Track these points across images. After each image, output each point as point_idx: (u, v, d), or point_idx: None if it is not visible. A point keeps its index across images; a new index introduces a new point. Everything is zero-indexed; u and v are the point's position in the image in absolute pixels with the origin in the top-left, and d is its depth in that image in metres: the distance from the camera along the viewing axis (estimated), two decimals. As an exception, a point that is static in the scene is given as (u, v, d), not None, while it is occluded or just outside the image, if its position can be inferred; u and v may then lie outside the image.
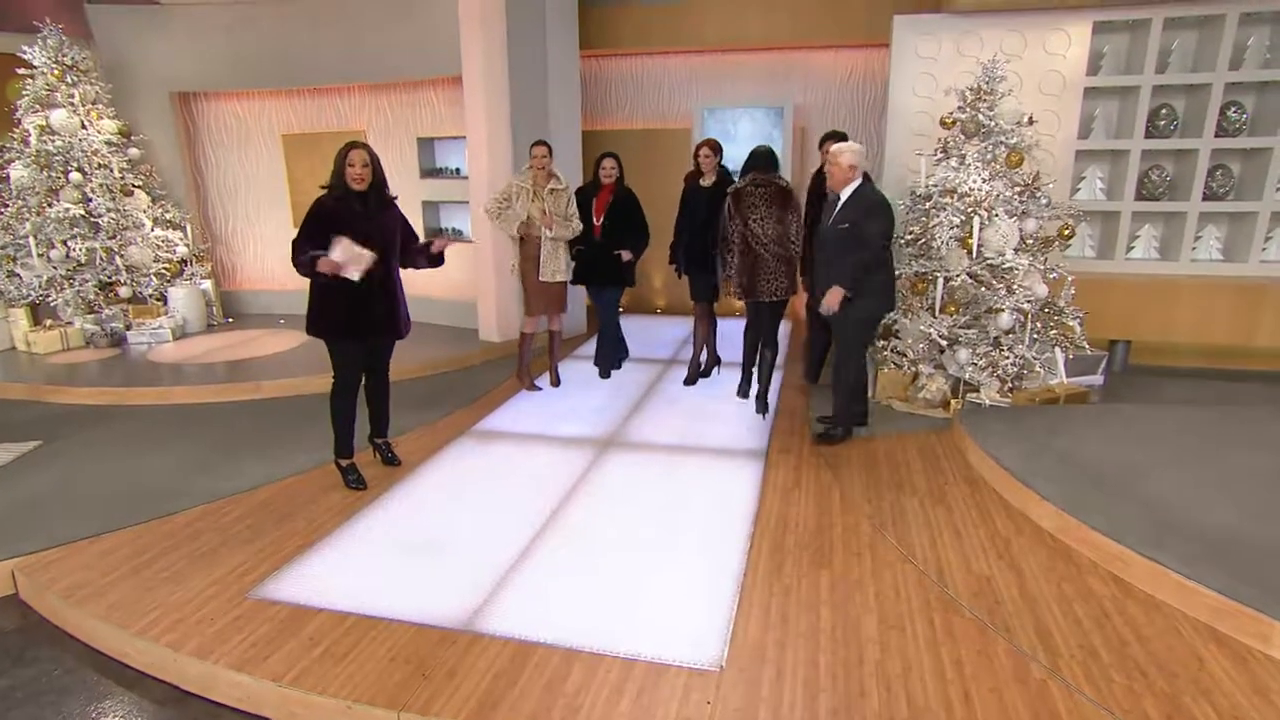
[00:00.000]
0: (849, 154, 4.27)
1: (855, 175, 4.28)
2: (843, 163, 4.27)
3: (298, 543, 3.37)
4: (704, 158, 5.26)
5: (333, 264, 3.50)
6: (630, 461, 4.30)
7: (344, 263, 3.53)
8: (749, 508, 3.71)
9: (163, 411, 5.23)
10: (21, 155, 6.58)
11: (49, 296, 6.62)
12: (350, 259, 3.53)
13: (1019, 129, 4.93)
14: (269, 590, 2.99)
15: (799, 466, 4.22)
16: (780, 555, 3.25)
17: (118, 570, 3.14)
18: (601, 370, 5.93)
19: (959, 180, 4.97)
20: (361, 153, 3.61)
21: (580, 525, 3.54)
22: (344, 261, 3.52)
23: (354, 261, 3.55)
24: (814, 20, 7.32)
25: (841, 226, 4.28)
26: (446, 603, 2.89)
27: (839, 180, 4.32)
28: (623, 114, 8.25)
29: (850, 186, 4.30)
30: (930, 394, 5.10)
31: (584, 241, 5.42)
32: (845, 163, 4.27)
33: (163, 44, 7.32)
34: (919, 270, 5.18)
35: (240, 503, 3.79)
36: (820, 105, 7.79)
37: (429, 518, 3.63)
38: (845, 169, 4.27)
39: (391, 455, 4.21)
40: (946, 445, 4.51)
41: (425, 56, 6.64)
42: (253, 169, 7.86)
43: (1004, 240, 4.86)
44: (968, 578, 3.05)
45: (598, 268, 5.47)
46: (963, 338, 5.02)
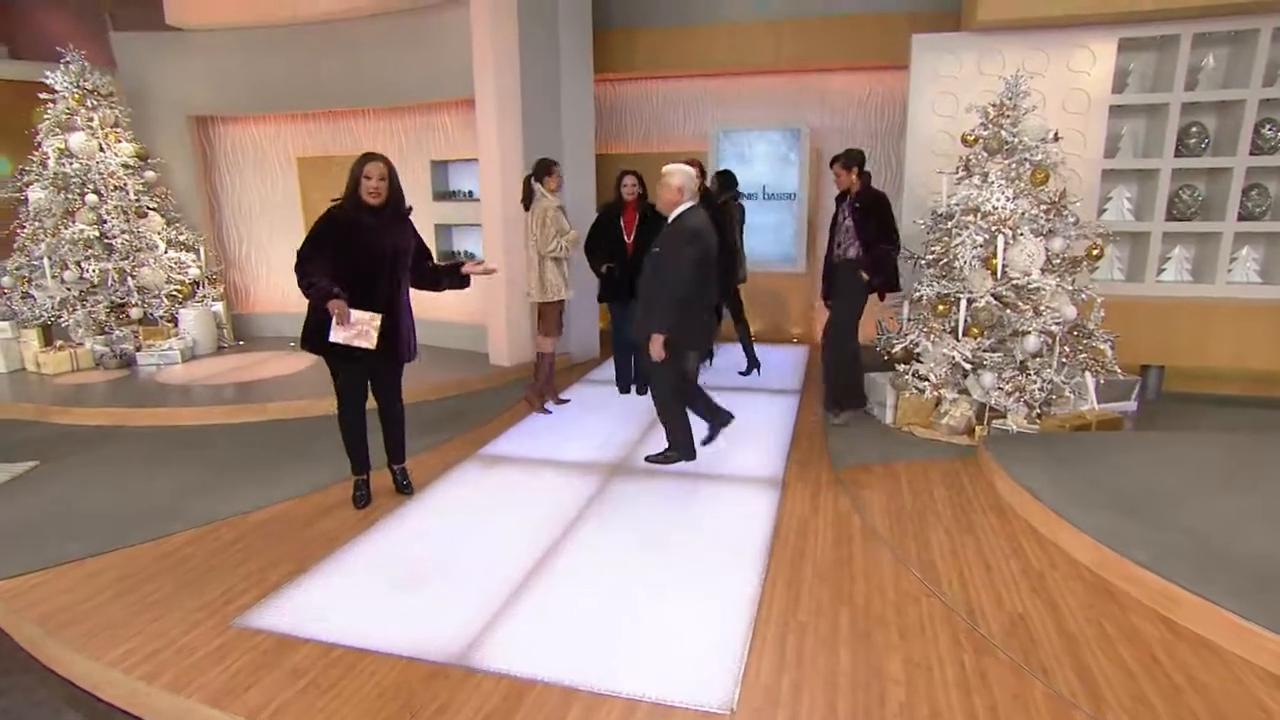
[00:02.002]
0: (679, 175, 4.02)
1: (683, 199, 4.04)
2: (672, 184, 3.99)
3: (289, 568, 3.22)
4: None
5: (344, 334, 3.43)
6: (639, 488, 4.12)
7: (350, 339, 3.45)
8: (764, 538, 3.51)
9: (165, 433, 5.14)
10: (40, 178, 6.62)
11: (61, 317, 6.60)
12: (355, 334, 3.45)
13: (1044, 145, 4.77)
14: (254, 618, 2.83)
15: (817, 494, 4.02)
16: (797, 589, 3.05)
17: (101, 595, 3.00)
18: (640, 386, 5.86)
19: (982, 199, 4.80)
20: (379, 165, 3.51)
21: (584, 554, 3.36)
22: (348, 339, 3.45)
23: (361, 337, 3.46)
24: (829, 42, 7.25)
25: (654, 251, 4.07)
26: (440, 635, 2.72)
27: (666, 203, 4.05)
28: (638, 138, 8.21)
29: (677, 210, 4.04)
30: (954, 420, 4.89)
31: (614, 260, 5.44)
32: (675, 184, 3.99)
33: (182, 70, 7.40)
34: (941, 292, 5.00)
35: (235, 526, 3.66)
36: (837, 128, 7.68)
37: (427, 545, 3.46)
38: (674, 191, 4.00)
39: (405, 483, 4.03)
40: (972, 473, 4.29)
41: (438, 79, 6.63)
42: (268, 192, 7.87)
43: (1030, 260, 4.67)
44: (1000, 614, 2.83)
45: (629, 286, 5.38)
46: (988, 361, 4.82)
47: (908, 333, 5.15)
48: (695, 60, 7.58)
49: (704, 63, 7.59)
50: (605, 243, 5.52)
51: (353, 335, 3.46)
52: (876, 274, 4.93)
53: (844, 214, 5.05)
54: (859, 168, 4.94)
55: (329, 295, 3.37)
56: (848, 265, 5.02)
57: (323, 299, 3.37)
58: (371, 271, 3.53)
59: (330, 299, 3.37)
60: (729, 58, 7.51)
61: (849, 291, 5.03)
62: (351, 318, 3.43)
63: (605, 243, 5.52)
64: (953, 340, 4.89)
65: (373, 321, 3.48)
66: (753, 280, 7.82)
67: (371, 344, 3.49)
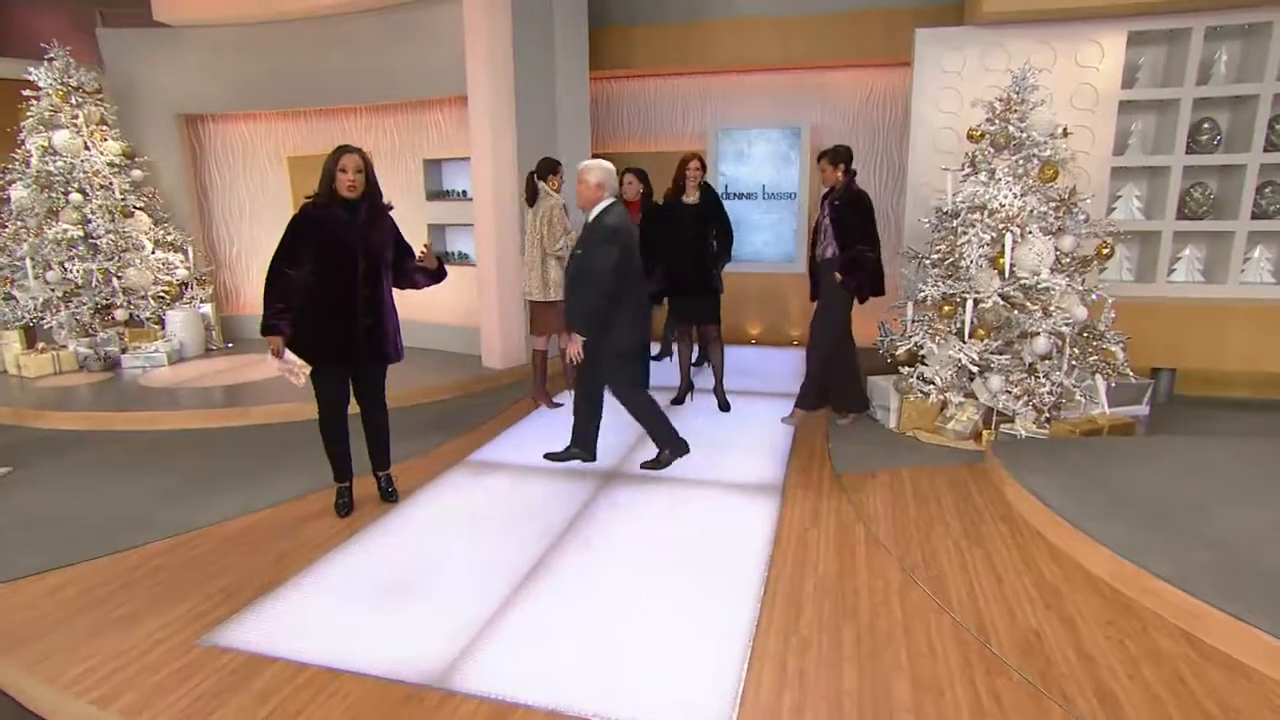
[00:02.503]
0: (598, 171, 3.86)
1: (604, 195, 3.90)
2: (590, 181, 3.85)
3: (263, 581, 3.05)
4: (695, 170, 5.03)
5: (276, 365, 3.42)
6: (632, 496, 3.95)
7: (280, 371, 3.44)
8: (763, 549, 3.35)
9: (146, 437, 4.98)
10: (23, 176, 6.47)
11: (43, 319, 6.45)
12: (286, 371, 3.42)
13: (1053, 141, 4.61)
14: (224, 635, 2.67)
15: (818, 503, 3.85)
16: (798, 603, 2.89)
17: (61, 611, 2.84)
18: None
19: (989, 195, 4.65)
20: (355, 157, 3.35)
21: (574, 567, 3.19)
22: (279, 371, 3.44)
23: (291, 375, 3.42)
24: (831, 39, 7.10)
25: (576, 253, 3.95)
26: (419, 654, 2.56)
27: (585, 200, 3.90)
28: (635, 137, 8.06)
29: (596, 209, 3.90)
30: (960, 425, 4.73)
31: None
32: (594, 181, 3.85)
33: (171, 67, 7.26)
34: (946, 292, 4.84)
35: (210, 536, 3.49)
36: (838, 126, 7.53)
37: (410, 556, 3.30)
38: (593, 188, 3.86)
39: (390, 491, 3.87)
40: (980, 480, 4.12)
41: (431, 75, 6.48)
42: (258, 191, 7.72)
43: (1039, 259, 4.52)
44: (1014, 632, 2.67)
45: None
46: (995, 364, 4.66)
47: (912, 334, 4.98)
48: (696, 57, 7.43)
49: (705, 60, 7.44)
50: None
51: (282, 370, 3.42)
52: (851, 276, 4.73)
53: (823, 212, 4.89)
54: (845, 165, 4.78)
55: (273, 331, 3.33)
56: (826, 265, 4.87)
57: (268, 332, 3.34)
58: (350, 269, 3.38)
59: (273, 334, 3.33)
60: (731, 55, 7.36)
61: (830, 293, 4.87)
62: (286, 356, 3.38)
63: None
64: (959, 342, 4.74)
65: (303, 369, 3.42)
66: (752, 281, 7.71)
67: (299, 384, 3.45)
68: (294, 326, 3.40)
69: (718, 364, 5.40)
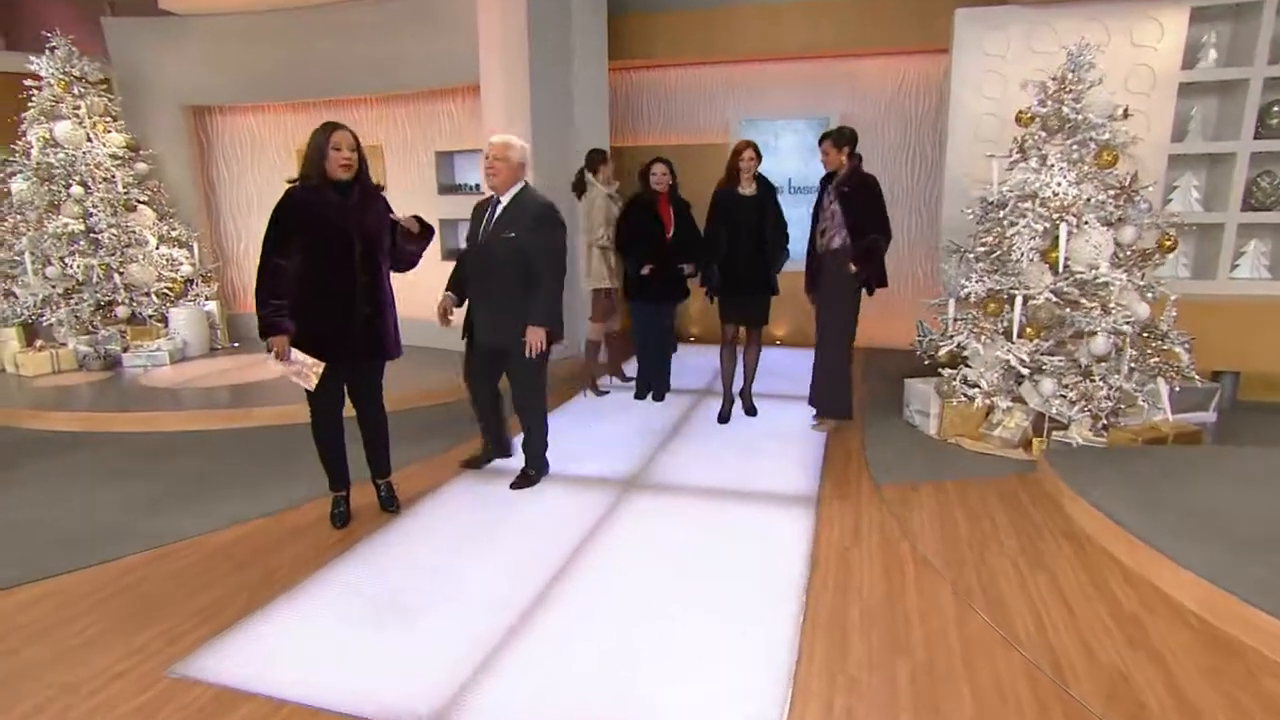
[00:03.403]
0: (520, 149, 3.59)
1: (522, 175, 3.62)
2: (514, 159, 3.56)
3: (247, 600, 2.76)
4: (748, 160, 4.66)
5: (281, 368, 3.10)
6: (655, 508, 3.63)
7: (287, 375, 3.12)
8: (800, 569, 3.01)
9: (141, 440, 4.72)
10: (23, 168, 6.28)
11: (43, 316, 6.24)
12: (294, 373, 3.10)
13: (1111, 123, 4.24)
14: (196, 665, 2.38)
15: (858, 517, 3.51)
16: (842, 633, 2.55)
17: (22, 632, 2.56)
18: (657, 392, 5.50)
19: (1040, 183, 4.29)
20: (348, 135, 3.07)
21: (590, 589, 2.87)
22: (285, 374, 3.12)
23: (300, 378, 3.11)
24: (861, 26, 6.75)
25: (508, 236, 3.57)
26: (413, 688, 2.25)
27: (506, 181, 3.57)
28: (655, 129, 7.75)
29: (513, 189, 3.61)
30: (1008, 431, 4.37)
31: (652, 256, 5.04)
32: (517, 160, 3.57)
33: (177, 58, 7.04)
34: (992, 288, 4.48)
35: (195, 547, 3.22)
36: (868, 116, 7.15)
37: (411, 573, 2.99)
38: (516, 167, 3.58)
39: (390, 500, 3.57)
40: (1034, 493, 3.76)
41: (444, 64, 6.22)
42: (265, 185, 7.49)
43: (1096, 252, 4.14)
44: (1094, 671, 2.31)
45: (664, 284, 5.15)
46: (1047, 366, 4.29)
47: (954, 334, 4.62)
48: (720, 46, 7.10)
49: (729, 49, 7.11)
50: (645, 238, 5.05)
51: (289, 372, 3.10)
52: (865, 266, 4.42)
53: (829, 198, 4.54)
54: (850, 148, 4.45)
55: (274, 329, 3.03)
56: (833, 257, 4.52)
57: (268, 332, 3.03)
58: (345, 256, 3.10)
59: (275, 334, 3.02)
60: (756, 43, 7.03)
61: (841, 287, 4.52)
62: (292, 356, 3.07)
63: (645, 238, 5.05)
64: (1006, 342, 4.37)
65: (315, 368, 3.11)
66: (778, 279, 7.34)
67: (310, 386, 3.13)
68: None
69: (750, 366, 5.05)
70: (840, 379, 4.69)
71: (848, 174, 4.47)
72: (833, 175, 4.59)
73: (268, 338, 3.03)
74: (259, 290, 3.02)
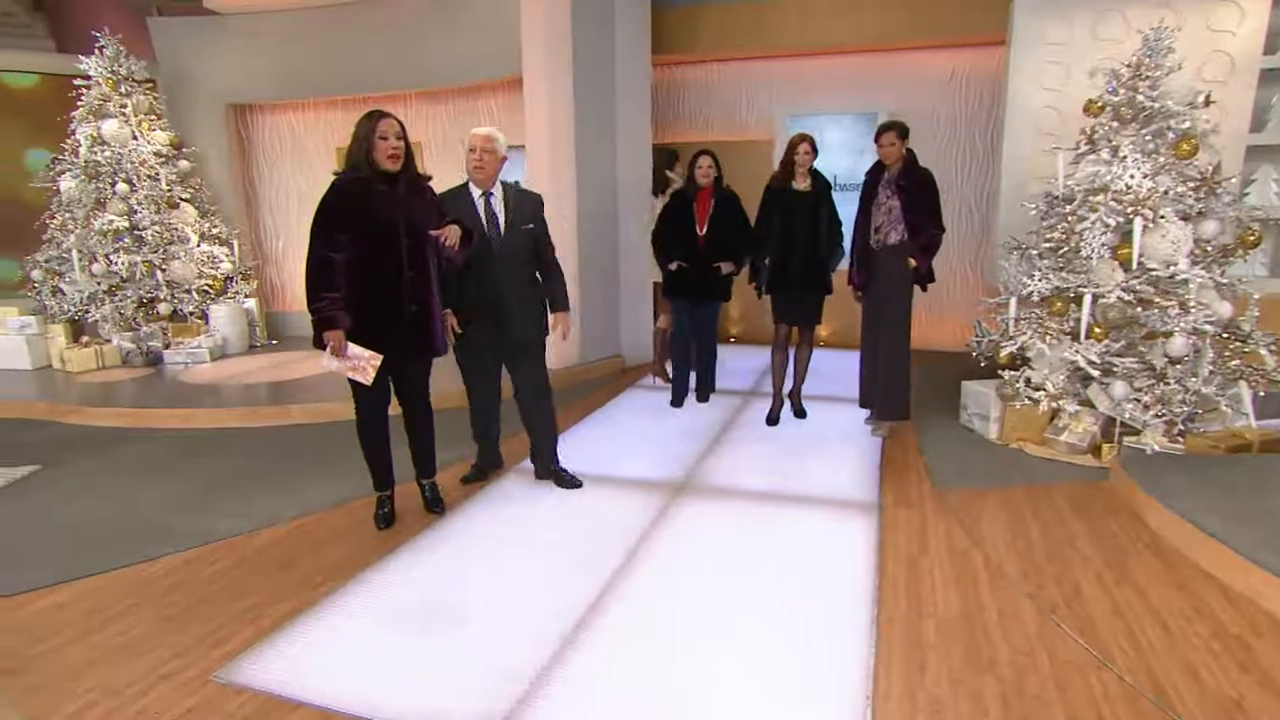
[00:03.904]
0: (503, 143, 3.48)
1: (501, 168, 3.52)
2: (500, 152, 3.45)
3: (290, 605, 2.67)
4: (804, 154, 4.49)
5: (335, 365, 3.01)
6: (709, 512, 3.48)
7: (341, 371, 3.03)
8: (867, 579, 2.84)
9: (181, 437, 4.69)
10: (72, 167, 6.33)
11: (88, 312, 6.28)
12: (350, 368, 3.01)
13: (1191, 111, 4.00)
14: (241, 670, 2.28)
15: (923, 525, 3.32)
16: (919, 651, 2.37)
17: (61, 634, 2.49)
18: (701, 393, 5.29)
19: (1112, 176, 4.06)
20: (394, 123, 2.97)
21: (647, 598, 2.73)
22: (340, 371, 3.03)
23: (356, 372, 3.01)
24: (911, 17, 6.53)
25: (528, 228, 3.52)
26: (465, 701, 2.13)
27: (493, 172, 3.45)
28: (696, 125, 7.59)
29: (497, 181, 3.50)
30: (1075, 436, 4.14)
31: (685, 254, 4.81)
32: (501, 153, 3.46)
33: (219, 57, 7.08)
34: (1059, 286, 4.25)
35: (235, 548, 3.14)
36: (917, 111, 6.89)
37: (458, 579, 2.88)
38: (500, 160, 3.46)
39: (436, 501, 3.47)
40: (1109, 501, 3.54)
41: (485, 58, 6.16)
42: (306, 185, 7.50)
43: (1174, 247, 3.91)
44: (1203, 698, 2.11)
45: (700, 282, 4.85)
46: (1119, 368, 4.06)
47: (1017, 334, 4.40)
48: (765, 39, 6.92)
49: (775, 42, 6.93)
50: (676, 234, 4.86)
51: (345, 369, 3.00)
52: (926, 261, 4.27)
53: (887, 193, 4.35)
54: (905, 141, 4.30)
55: (330, 324, 2.92)
56: (890, 253, 4.34)
57: (323, 326, 2.93)
58: (393, 251, 3.00)
59: (330, 328, 2.92)
60: (801, 36, 6.84)
61: (899, 283, 4.35)
62: (349, 352, 2.97)
63: (676, 234, 4.86)
64: (1073, 343, 4.15)
65: (373, 361, 3.00)
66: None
67: (367, 380, 3.03)
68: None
69: (801, 367, 4.88)
70: (899, 378, 4.50)
71: (905, 168, 4.30)
72: (882, 168, 4.41)
73: (323, 332, 2.93)
74: (310, 286, 2.92)
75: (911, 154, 4.33)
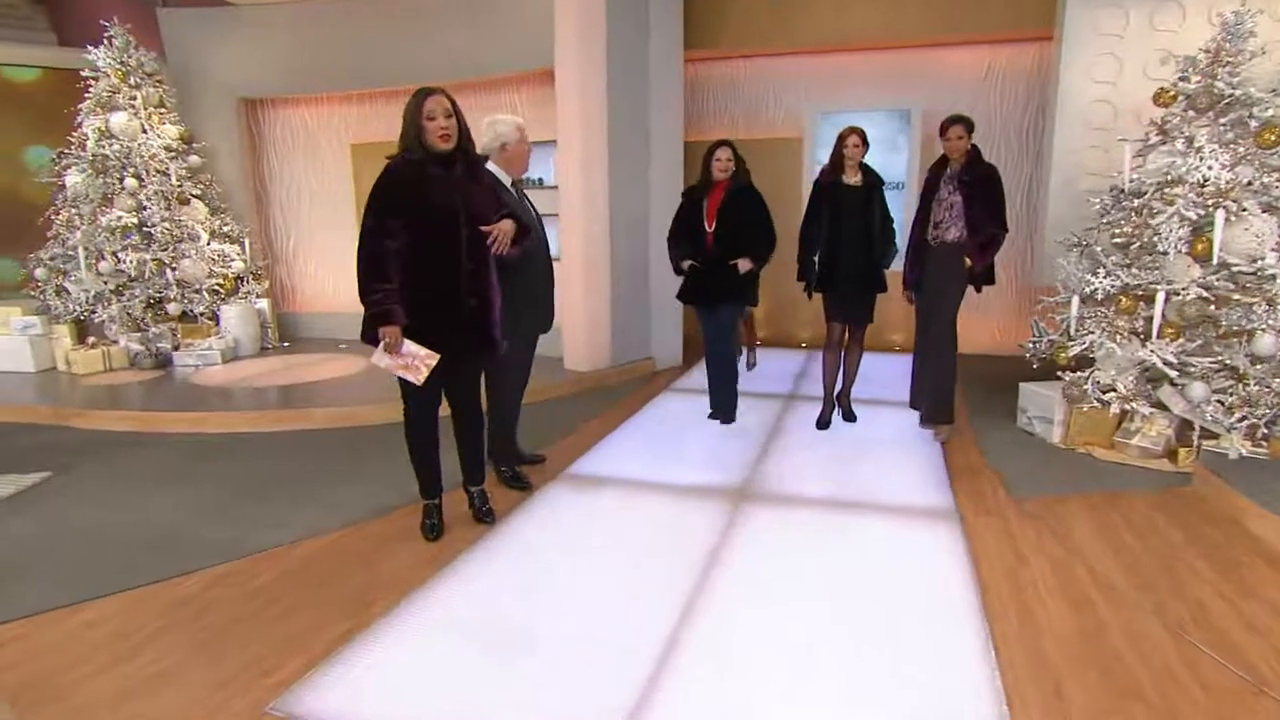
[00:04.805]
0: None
1: None
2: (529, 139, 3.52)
3: (344, 626, 2.41)
4: (854, 147, 4.28)
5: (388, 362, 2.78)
6: (776, 521, 3.24)
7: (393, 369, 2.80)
8: (967, 593, 2.61)
9: (196, 442, 4.42)
10: (79, 161, 6.06)
11: (95, 313, 6.00)
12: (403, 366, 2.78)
13: (1273, 98, 3.81)
14: (298, 701, 2.02)
15: (1011, 534, 3.09)
16: (1051, 675, 2.14)
17: (91, 660, 2.23)
18: (725, 415, 4.68)
19: (1188, 167, 3.86)
20: (443, 99, 2.72)
21: (735, 615, 2.48)
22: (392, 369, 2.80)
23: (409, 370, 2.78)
24: (947, 13, 6.35)
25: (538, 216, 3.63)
26: (559, 737, 1.88)
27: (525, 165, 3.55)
28: (722, 123, 7.37)
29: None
30: (1150, 440, 3.93)
31: (694, 254, 4.38)
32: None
33: (231, 49, 6.83)
34: (1129, 283, 4.05)
35: (272, 562, 2.87)
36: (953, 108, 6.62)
37: (522, 596, 2.62)
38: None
39: (485, 510, 3.20)
40: (1200, 509, 3.33)
41: (508, 51, 5.94)
42: (318, 182, 7.25)
43: (1258, 241, 3.71)
44: (1384, 729, 1.89)
45: (709, 283, 4.38)
46: (1196, 368, 3.86)
47: (1084, 334, 4.19)
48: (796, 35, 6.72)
49: (805, 38, 6.73)
50: (684, 232, 4.45)
51: (399, 366, 2.76)
52: (982, 260, 4.07)
53: (949, 188, 4.15)
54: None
55: (386, 318, 2.69)
56: (947, 250, 4.14)
57: (378, 321, 2.70)
58: (451, 238, 2.76)
59: (386, 324, 2.69)
60: (832, 31, 6.65)
61: (952, 281, 4.15)
62: (405, 349, 2.74)
63: (684, 232, 4.45)
64: (1147, 342, 3.94)
65: (428, 360, 2.77)
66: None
67: (418, 380, 2.79)
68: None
69: (851, 369, 4.64)
70: (946, 379, 4.29)
71: (969, 163, 4.11)
72: (945, 163, 4.22)
73: (379, 327, 2.70)
74: (362, 276, 2.69)
75: (976, 149, 4.15)
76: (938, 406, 4.33)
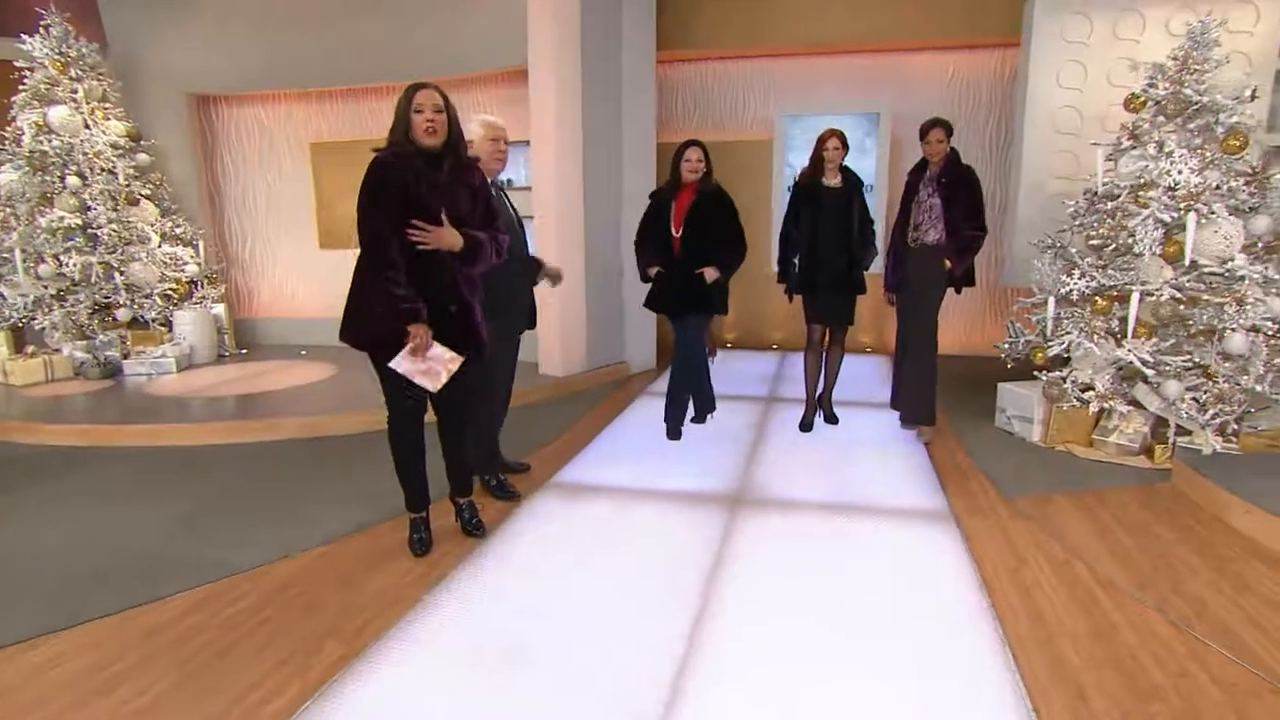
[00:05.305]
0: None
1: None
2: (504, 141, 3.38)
3: (337, 651, 2.26)
4: (834, 150, 4.28)
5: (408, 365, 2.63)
6: (775, 527, 3.19)
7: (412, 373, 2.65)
8: (973, 594, 2.59)
9: (155, 455, 4.17)
10: (13, 157, 5.69)
11: (34, 319, 5.63)
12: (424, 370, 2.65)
13: (1239, 105, 3.93)
14: (297, 736, 1.88)
15: (1007, 534, 3.10)
16: (1070, 678, 2.12)
17: (63, 695, 2.04)
18: (671, 428, 4.38)
19: (1159, 171, 3.96)
20: (433, 94, 2.61)
21: (742, 626, 2.42)
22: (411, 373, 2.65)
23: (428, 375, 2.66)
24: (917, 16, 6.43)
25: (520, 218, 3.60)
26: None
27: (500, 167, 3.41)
28: (691, 125, 7.34)
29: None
30: (1126, 438, 4.01)
31: (660, 260, 4.13)
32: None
33: (180, 41, 6.51)
34: (1104, 284, 4.14)
35: (251, 584, 2.69)
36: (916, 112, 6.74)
37: (519, 613, 2.50)
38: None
39: (475, 523, 3.07)
40: (1182, 504, 3.40)
41: (477, 49, 5.80)
42: (275, 183, 6.96)
43: (1227, 243, 3.82)
44: (1397, 721, 1.92)
45: (676, 291, 4.12)
46: (1170, 367, 3.95)
47: (1061, 334, 4.26)
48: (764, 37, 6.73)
49: (773, 40, 6.75)
50: (649, 238, 4.20)
51: (419, 370, 2.63)
52: (962, 263, 4.13)
53: (928, 191, 4.20)
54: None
55: (415, 316, 2.56)
56: (927, 252, 4.19)
57: (408, 318, 2.56)
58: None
59: (416, 321, 2.56)
60: (800, 35, 6.68)
61: (932, 284, 4.21)
62: (431, 352, 2.62)
63: (649, 238, 4.20)
64: (1122, 342, 4.03)
65: (451, 364, 2.66)
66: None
67: (435, 387, 2.67)
68: (353, 314, 2.68)
69: (833, 371, 4.64)
70: (926, 380, 4.32)
71: (948, 166, 4.15)
72: (924, 166, 4.26)
73: (409, 325, 2.56)
74: (380, 272, 2.55)
75: (955, 152, 4.19)
76: (920, 407, 4.36)
